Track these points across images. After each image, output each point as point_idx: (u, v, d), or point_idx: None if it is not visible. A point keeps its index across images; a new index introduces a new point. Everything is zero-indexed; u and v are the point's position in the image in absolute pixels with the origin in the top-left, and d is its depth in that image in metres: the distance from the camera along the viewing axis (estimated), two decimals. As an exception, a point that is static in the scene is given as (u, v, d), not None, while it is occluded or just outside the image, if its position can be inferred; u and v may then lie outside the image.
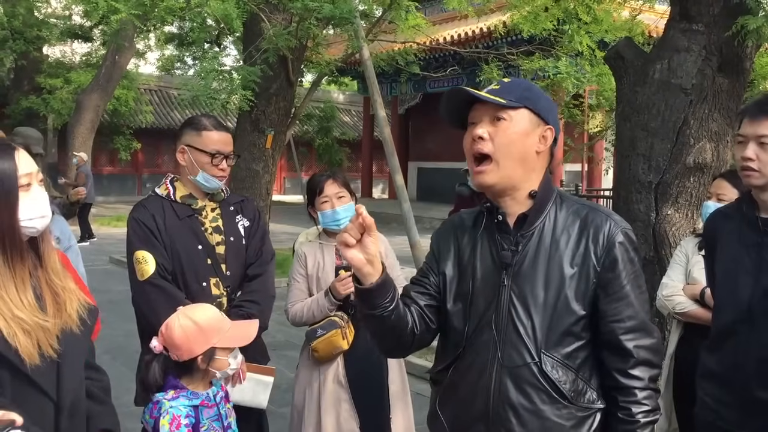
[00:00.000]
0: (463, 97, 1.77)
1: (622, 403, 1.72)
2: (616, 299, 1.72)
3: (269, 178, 8.95)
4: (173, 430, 2.27)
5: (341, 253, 1.65)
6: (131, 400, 2.94)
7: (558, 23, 8.62)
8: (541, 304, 1.71)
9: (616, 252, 1.72)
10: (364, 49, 7.71)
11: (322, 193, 3.18)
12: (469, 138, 1.77)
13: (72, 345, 1.70)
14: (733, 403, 2.20)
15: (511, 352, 1.71)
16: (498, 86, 1.78)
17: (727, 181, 3.17)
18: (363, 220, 1.61)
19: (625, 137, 4.75)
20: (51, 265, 1.74)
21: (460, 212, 1.97)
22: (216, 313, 2.43)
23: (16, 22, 16.76)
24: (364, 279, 1.67)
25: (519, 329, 1.71)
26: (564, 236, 1.74)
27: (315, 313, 3.14)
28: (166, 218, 2.82)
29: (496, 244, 1.78)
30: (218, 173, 2.85)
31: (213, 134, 2.87)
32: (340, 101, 31.66)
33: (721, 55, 4.45)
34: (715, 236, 2.38)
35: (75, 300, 1.75)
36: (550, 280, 1.72)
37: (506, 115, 1.73)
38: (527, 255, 1.74)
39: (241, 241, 2.94)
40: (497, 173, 1.73)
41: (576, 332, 1.73)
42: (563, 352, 1.71)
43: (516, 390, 1.70)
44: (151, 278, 2.74)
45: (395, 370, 3.30)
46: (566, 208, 1.79)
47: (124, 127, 23.26)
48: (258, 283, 2.92)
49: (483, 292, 1.77)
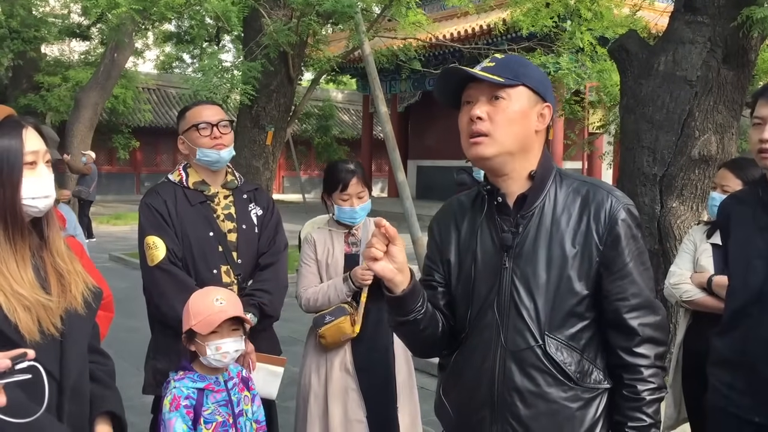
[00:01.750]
0: (458, 77, 1.71)
1: (627, 381, 1.70)
2: (619, 277, 1.69)
3: (269, 175, 8.93)
4: (171, 410, 2.31)
5: (370, 268, 1.63)
6: (134, 395, 2.93)
7: (558, 19, 8.61)
8: (544, 285, 1.68)
9: (619, 229, 1.69)
10: (366, 44, 7.68)
11: (345, 190, 3.14)
12: (466, 117, 1.71)
13: (76, 326, 1.70)
14: (744, 388, 2.19)
15: (515, 336, 1.68)
16: (492, 63, 1.70)
17: (730, 172, 3.15)
18: (386, 231, 1.58)
19: (630, 130, 4.73)
20: (56, 247, 1.72)
21: (458, 195, 1.93)
22: (209, 297, 2.41)
23: (14, 22, 16.72)
24: (395, 287, 1.64)
25: (522, 312, 1.69)
26: (565, 215, 1.71)
27: (332, 298, 3.12)
28: (177, 204, 2.80)
29: (496, 226, 1.74)
30: (210, 143, 2.82)
31: (194, 109, 2.89)
32: (339, 100, 31.64)
33: (726, 47, 4.44)
34: (729, 221, 2.36)
35: (80, 282, 1.74)
36: (551, 260, 1.69)
37: (504, 93, 1.68)
38: (528, 236, 1.71)
39: (253, 229, 2.91)
40: (494, 146, 1.68)
41: (580, 312, 1.70)
42: (567, 333, 1.69)
43: (521, 373, 1.68)
44: (161, 264, 2.72)
45: (402, 360, 3.27)
46: (566, 186, 1.75)
47: (123, 126, 23.23)
48: (270, 272, 2.90)
49: (484, 275, 1.74)
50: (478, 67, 1.70)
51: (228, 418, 2.38)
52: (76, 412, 1.71)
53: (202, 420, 2.34)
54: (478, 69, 1.69)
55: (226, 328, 2.37)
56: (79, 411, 1.73)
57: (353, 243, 3.23)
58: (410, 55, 9.17)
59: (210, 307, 2.38)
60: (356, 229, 3.26)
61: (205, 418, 2.35)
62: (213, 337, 2.35)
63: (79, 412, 1.73)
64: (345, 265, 3.18)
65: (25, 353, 1.40)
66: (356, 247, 3.22)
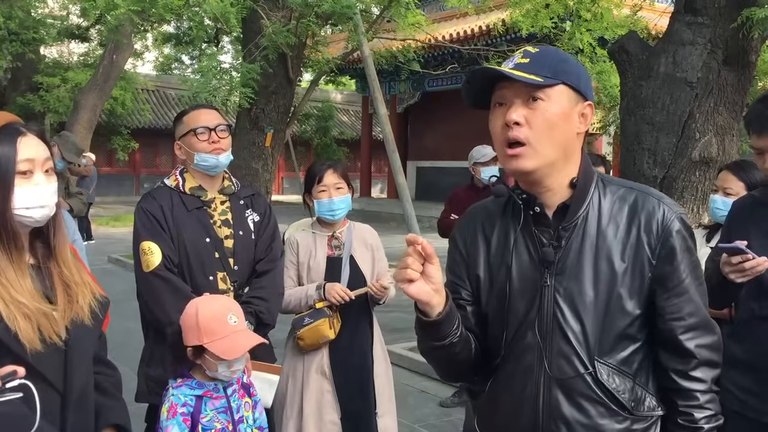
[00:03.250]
0: (489, 76, 1.53)
1: (682, 408, 1.56)
2: (675, 294, 1.54)
3: (269, 177, 8.90)
4: (169, 418, 2.28)
5: (404, 291, 1.45)
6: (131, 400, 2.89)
7: (558, 20, 8.60)
8: (591, 305, 1.52)
9: (674, 241, 1.53)
10: (365, 45, 7.67)
11: (321, 182, 3.19)
12: (500, 122, 1.53)
13: (82, 337, 1.67)
14: (759, 391, 2.18)
15: (560, 361, 1.52)
16: (527, 59, 1.51)
17: (732, 174, 3.13)
18: (423, 249, 1.41)
19: (630, 132, 4.72)
20: (63, 257, 1.69)
21: (483, 202, 1.75)
22: (221, 315, 2.32)
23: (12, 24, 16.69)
24: (431, 311, 1.48)
25: (567, 334, 1.52)
26: (611, 226, 1.54)
27: (302, 303, 3.17)
28: (174, 209, 2.77)
29: (534, 238, 1.57)
30: (209, 147, 2.79)
31: (192, 114, 2.86)
32: (338, 101, 31.66)
33: (726, 49, 4.43)
34: (743, 222, 2.35)
35: (88, 293, 1.71)
36: (599, 276, 1.52)
37: (543, 94, 1.49)
38: (571, 250, 1.54)
39: (250, 235, 2.88)
40: (536, 158, 1.50)
41: (632, 334, 1.55)
42: (618, 357, 1.54)
43: (569, 403, 1.52)
44: (156, 269, 2.69)
45: (381, 363, 3.32)
46: (611, 193, 1.58)
47: (122, 127, 23.23)
48: (267, 279, 2.87)
49: (521, 293, 1.57)
50: (509, 64, 1.53)
51: (227, 424, 2.35)
52: (80, 424, 1.68)
53: (200, 427, 2.30)
54: (510, 66, 1.52)
55: None
56: (84, 422, 1.70)
57: (336, 246, 3.26)
58: (409, 56, 9.15)
59: (225, 327, 2.27)
60: (340, 233, 3.28)
61: (204, 426, 2.32)
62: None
63: (83, 424, 1.70)
64: (327, 268, 3.21)
65: (14, 371, 1.38)
66: (339, 251, 3.25)
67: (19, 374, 1.37)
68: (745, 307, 2.31)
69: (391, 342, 6.89)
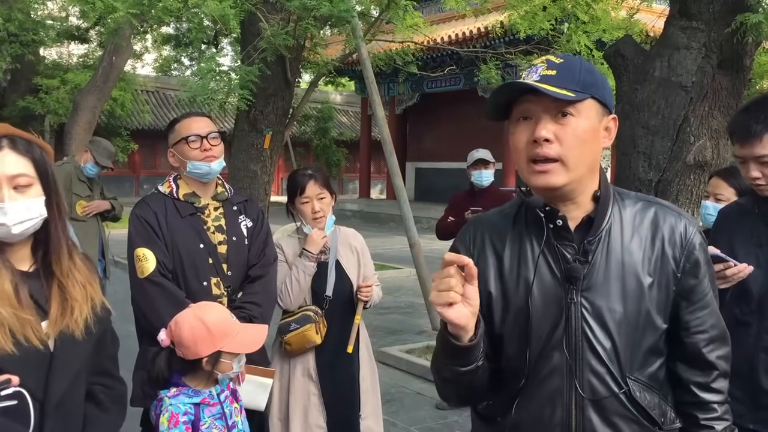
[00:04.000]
0: (518, 89, 1.47)
1: (704, 422, 1.56)
2: (700, 308, 1.54)
3: (267, 179, 8.92)
4: (171, 428, 2.29)
5: (441, 315, 1.37)
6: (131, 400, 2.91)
7: (555, 22, 8.62)
8: (621, 321, 1.48)
9: (698, 254, 1.52)
10: (363, 48, 7.70)
11: (303, 193, 3.21)
12: (525, 137, 1.48)
13: (69, 348, 1.67)
14: (742, 396, 2.20)
15: (592, 380, 1.48)
16: (554, 71, 1.45)
17: (723, 180, 3.15)
18: (469, 270, 1.34)
19: (625, 135, 4.74)
20: (62, 268, 1.69)
21: (486, 214, 1.69)
22: (226, 317, 2.41)
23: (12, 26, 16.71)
24: (465, 335, 1.40)
25: (599, 352, 1.48)
26: (635, 239, 1.51)
27: (300, 279, 3.16)
28: (168, 216, 2.80)
29: (556, 253, 1.52)
30: (200, 155, 2.81)
31: (184, 122, 2.88)
32: (338, 101, 31.68)
33: (721, 53, 4.45)
34: (728, 229, 2.38)
35: (86, 308, 1.71)
36: (626, 292, 1.49)
37: (573, 109, 1.45)
38: (597, 265, 1.50)
39: (243, 241, 2.91)
40: (566, 174, 1.46)
41: (660, 349, 1.54)
42: (647, 372, 1.52)
43: (604, 423, 1.48)
44: (151, 276, 2.71)
45: (366, 367, 3.34)
46: (630, 205, 1.56)
47: (121, 129, 23.22)
48: (260, 284, 2.89)
49: (545, 312, 1.51)
50: (533, 75, 1.47)
51: (223, 430, 2.39)
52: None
53: None
54: (535, 77, 1.46)
55: None
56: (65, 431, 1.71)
57: (321, 251, 3.27)
58: (407, 59, 9.16)
59: (234, 327, 2.38)
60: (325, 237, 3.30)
61: None
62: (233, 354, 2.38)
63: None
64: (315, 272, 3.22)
65: (9, 379, 1.39)
66: (325, 255, 3.26)
67: (13, 383, 1.39)
68: (729, 313, 2.34)
69: (387, 344, 6.92)
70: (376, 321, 7.59)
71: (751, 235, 2.29)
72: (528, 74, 1.49)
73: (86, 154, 5.67)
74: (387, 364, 6.27)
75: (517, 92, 1.48)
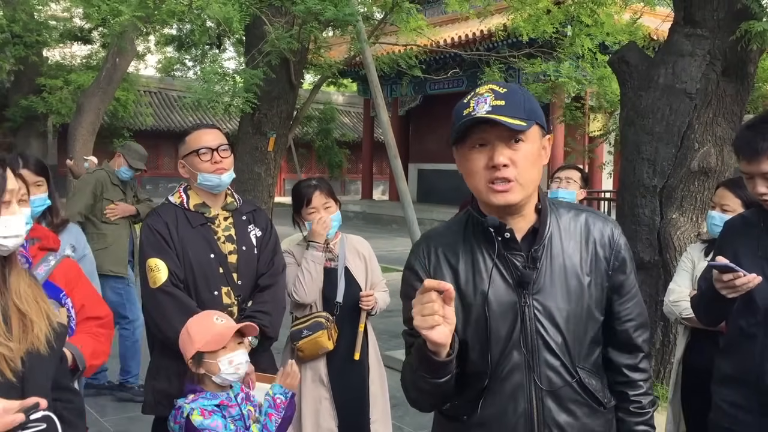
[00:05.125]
0: (478, 122, 1.60)
1: (633, 397, 1.77)
2: (628, 299, 1.75)
3: (271, 181, 8.95)
4: (207, 416, 2.36)
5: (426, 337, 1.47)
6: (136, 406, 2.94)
7: (559, 25, 8.63)
8: (569, 318, 1.66)
9: (624, 253, 1.74)
10: (367, 51, 7.71)
11: (309, 204, 3.26)
12: (482, 162, 1.62)
13: (37, 367, 1.65)
14: (749, 407, 2.23)
15: (548, 373, 1.65)
16: (502, 101, 1.60)
17: (729, 191, 3.16)
18: (448, 293, 1.46)
19: (630, 141, 4.76)
20: (15, 287, 1.66)
21: (436, 229, 1.84)
22: (207, 318, 2.48)
23: (16, 27, 16.74)
24: (443, 351, 1.52)
25: (552, 347, 1.65)
26: (572, 244, 1.71)
27: (311, 269, 3.21)
28: (179, 226, 2.83)
29: (507, 262, 1.67)
30: (211, 167, 2.84)
31: (194, 134, 2.91)
32: (340, 102, 31.69)
33: (725, 60, 4.47)
34: (734, 241, 2.40)
35: (44, 322, 1.68)
36: (571, 291, 1.67)
37: (524, 136, 1.61)
38: (544, 269, 1.67)
39: (252, 250, 2.94)
40: (521, 192, 1.63)
41: (598, 338, 1.74)
42: (591, 360, 1.72)
43: (561, 410, 1.66)
44: (163, 286, 2.74)
45: (375, 371, 3.39)
46: (564, 214, 1.75)
47: (124, 129, 23.21)
48: (269, 293, 2.93)
49: (502, 316, 1.66)
50: (485, 106, 1.60)
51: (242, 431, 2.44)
52: None
53: None
54: (486, 108, 1.59)
55: (232, 342, 2.45)
56: None
57: (330, 258, 3.32)
58: (411, 62, 9.19)
59: (213, 326, 2.44)
60: (333, 244, 3.35)
61: None
62: (223, 352, 2.41)
63: None
64: (324, 280, 3.27)
65: (37, 403, 1.40)
66: (333, 263, 3.31)
67: (41, 406, 1.39)
68: (734, 325, 2.36)
69: (392, 348, 6.92)
70: (381, 324, 7.59)
71: (757, 248, 2.31)
72: (477, 103, 1.62)
73: (119, 159, 5.76)
74: (392, 367, 6.27)
75: (472, 122, 1.61)
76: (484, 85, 1.66)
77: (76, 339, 2.39)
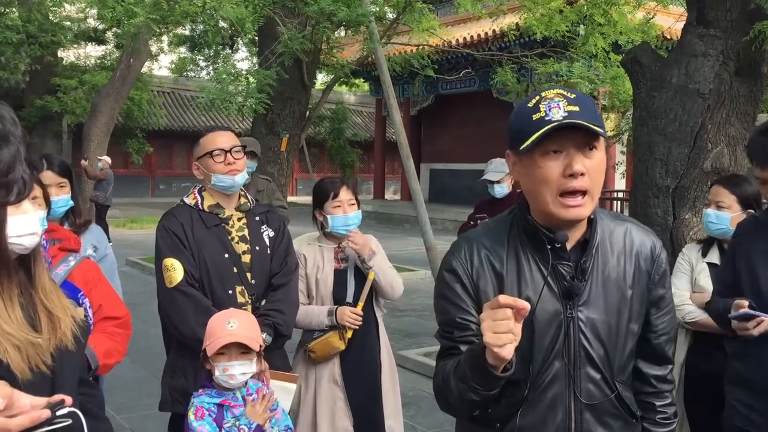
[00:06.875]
0: (558, 126, 1.51)
1: (660, 408, 1.76)
2: (665, 313, 1.74)
3: (284, 181, 9.00)
4: (197, 419, 2.41)
5: (496, 355, 1.42)
6: (152, 404, 2.98)
7: (571, 25, 8.62)
8: (611, 331, 1.64)
9: (665, 268, 1.72)
10: (379, 52, 7.74)
11: (336, 197, 3.28)
12: (557, 171, 1.54)
13: (67, 362, 1.68)
14: (762, 408, 2.24)
15: (588, 386, 1.63)
16: (576, 107, 1.51)
17: (724, 188, 3.16)
18: (524, 311, 1.40)
19: (643, 142, 4.75)
20: (42, 284, 1.68)
21: (475, 232, 1.77)
22: (222, 320, 2.51)
23: (31, 27, 16.90)
24: (502, 365, 1.47)
25: (595, 360, 1.63)
26: (617, 256, 1.67)
27: (312, 323, 3.24)
28: (194, 227, 2.88)
29: (555, 272, 1.63)
30: (224, 169, 2.89)
31: (208, 137, 2.96)
32: (352, 102, 31.74)
33: (738, 60, 4.45)
34: (747, 242, 2.41)
35: (68, 319, 1.71)
36: (614, 304, 1.65)
37: (598, 143, 1.55)
38: (592, 281, 1.64)
39: (266, 250, 2.98)
40: (591, 205, 1.58)
41: (634, 351, 1.72)
42: (626, 372, 1.71)
43: (597, 423, 1.65)
44: (179, 285, 2.79)
45: (387, 370, 3.41)
46: (608, 224, 1.70)
47: (137, 130, 23.35)
48: (282, 292, 2.97)
49: (547, 326, 1.62)
50: (560, 111, 1.51)
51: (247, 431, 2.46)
52: None
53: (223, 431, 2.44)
54: (562, 113, 1.51)
55: (234, 352, 2.46)
56: None
57: (342, 259, 3.34)
58: (423, 62, 9.20)
59: (221, 330, 2.48)
60: (345, 244, 3.35)
61: (226, 430, 2.44)
62: (221, 358, 2.45)
63: None
64: (334, 280, 3.29)
65: (62, 400, 1.43)
66: (345, 263, 3.34)
67: (67, 403, 1.42)
68: None
69: (405, 347, 6.95)
70: (393, 324, 7.63)
71: None
72: (549, 108, 1.52)
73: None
74: (404, 367, 6.30)
75: (555, 127, 1.51)
76: (549, 90, 1.57)
77: (91, 338, 2.42)
